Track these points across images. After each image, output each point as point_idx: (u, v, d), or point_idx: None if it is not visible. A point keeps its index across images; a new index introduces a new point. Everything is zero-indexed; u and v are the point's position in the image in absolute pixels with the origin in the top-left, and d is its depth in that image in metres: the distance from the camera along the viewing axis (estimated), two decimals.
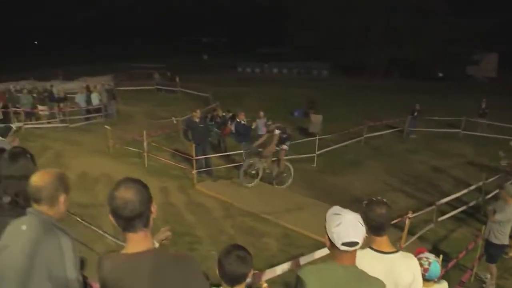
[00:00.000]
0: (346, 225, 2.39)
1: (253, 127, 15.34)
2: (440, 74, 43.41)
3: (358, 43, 43.34)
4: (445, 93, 33.05)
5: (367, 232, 2.63)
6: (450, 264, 7.17)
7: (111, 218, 2.06)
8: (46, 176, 2.55)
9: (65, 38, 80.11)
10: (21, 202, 2.84)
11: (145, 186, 2.12)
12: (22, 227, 2.43)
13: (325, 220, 2.52)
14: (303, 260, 5.36)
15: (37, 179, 2.52)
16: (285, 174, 13.09)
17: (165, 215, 9.93)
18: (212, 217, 10.30)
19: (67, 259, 2.43)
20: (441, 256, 6.05)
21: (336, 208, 2.54)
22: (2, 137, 5.90)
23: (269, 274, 4.97)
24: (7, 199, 2.87)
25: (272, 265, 7.60)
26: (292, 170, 13.06)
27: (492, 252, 7.57)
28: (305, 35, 46.71)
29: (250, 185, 12.34)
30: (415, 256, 3.66)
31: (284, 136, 12.39)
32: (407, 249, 7.41)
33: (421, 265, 3.67)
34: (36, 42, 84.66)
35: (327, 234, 2.49)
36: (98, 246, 7.46)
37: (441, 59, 42.05)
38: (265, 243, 8.91)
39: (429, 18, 40.37)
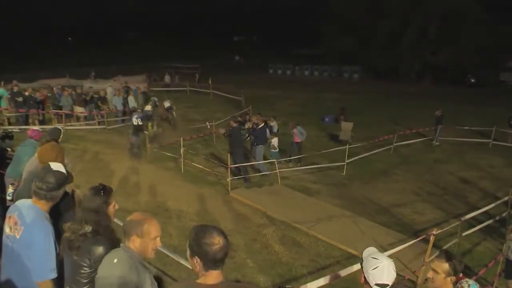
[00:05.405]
0: (382, 270, 2.83)
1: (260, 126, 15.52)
2: (472, 80, 42.99)
3: (391, 47, 43.29)
4: (477, 100, 32.63)
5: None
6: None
7: (197, 259, 2.51)
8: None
9: (96, 35, 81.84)
10: (101, 231, 3.36)
11: (225, 234, 2.60)
12: (114, 260, 2.97)
13: (362, 260, 2.98)
14: (331, 278, 5.80)
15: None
16: None
17: (202, 223, 10.47)
18: (246, 225, 10.74)
19: None
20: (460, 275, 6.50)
21: (373, 251, 3.01)
22: (55, 139, 6.25)
23: None
24: (89, 228, 3.33)
25: (302, 276, 8.18)
26: None
27: (510, 268, 7.83)
28: (338, 38, 46.89)
29: None
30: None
31: None
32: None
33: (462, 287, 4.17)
34: (70, 39, 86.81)
35: (363, 273, 2.95)
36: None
37: (474, 65, 41.53)
38: (297, 253, 9.34)
39: (464, 23, 39.99)
